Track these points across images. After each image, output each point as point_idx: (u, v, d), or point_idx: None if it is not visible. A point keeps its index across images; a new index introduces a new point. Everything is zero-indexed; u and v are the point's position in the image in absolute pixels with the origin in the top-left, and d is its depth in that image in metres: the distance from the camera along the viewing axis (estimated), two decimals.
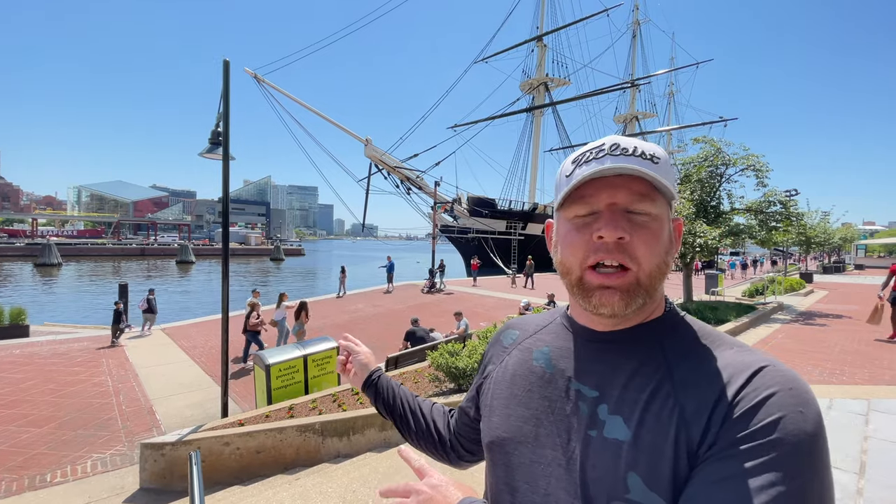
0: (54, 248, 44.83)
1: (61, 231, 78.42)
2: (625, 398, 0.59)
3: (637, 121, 57.44)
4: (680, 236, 0.66)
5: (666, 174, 0.61)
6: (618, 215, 0.59)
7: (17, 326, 11.75)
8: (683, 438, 0.53)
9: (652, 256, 0.60)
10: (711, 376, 0.56)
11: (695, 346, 0.62)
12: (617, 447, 0.57)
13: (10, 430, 5.92)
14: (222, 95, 6.08)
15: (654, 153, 0.61)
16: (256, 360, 6.53)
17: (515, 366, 0.74)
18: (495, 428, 0.70)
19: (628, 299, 0.60)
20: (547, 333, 0.74)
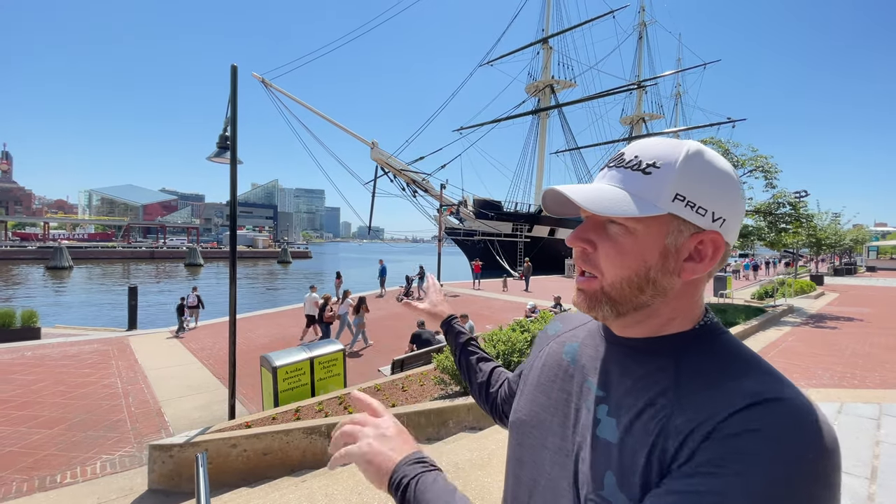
0: (65, 252, 45.44)
1: (72, 234, 79.50)
2: (623, 402, 0.61)
3: (644, 122, 57.16)
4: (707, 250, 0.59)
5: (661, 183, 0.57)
6: (587, 226, 0.63)
7: (29, 329, 11.92)
8: (659, 449, 0.53)
9: (615, 269, 0.60)
10: (713, 398, 0.52)
11: (714, 365, 0.57)
12: (604, 447, 0.59)
13: (21, 432, 6.01)
14: (230, 100, 6.15)
15: (654, 161, 0.58)
16: (263, 363, 6.57)
17: (548, 356, 0.78)
18: (519, 410, 0.76)
19: (592, 303, 0.63)
20: (583, 331, 0.77)
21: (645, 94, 55.21)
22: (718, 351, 0.59)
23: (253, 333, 12.09)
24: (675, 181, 0.56)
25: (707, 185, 0.57)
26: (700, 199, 0.57)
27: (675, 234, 0.58)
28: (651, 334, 0.63)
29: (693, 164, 0.57)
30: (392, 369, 7.60)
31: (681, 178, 0.56)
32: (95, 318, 18.80)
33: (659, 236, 0.58)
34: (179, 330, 12.49)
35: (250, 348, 10.12)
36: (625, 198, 0.57)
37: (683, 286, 0.61)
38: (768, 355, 7.95)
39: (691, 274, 0.59)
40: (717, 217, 0.58)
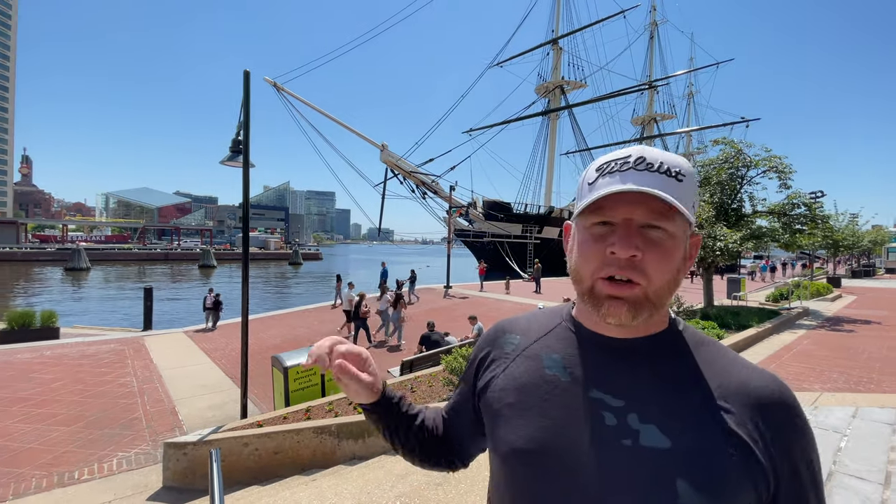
0: (83, 253, 46.42)
1: (90, 236, 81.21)
2: (656, 407, 0.61)
3: (655, 122, 56.64)
4: (696, 252, 0.68)
5: (689, 191, 0.62)
6: (632, 232, 0.60)
7: (48, 328, 12.22)
8: (733, 445, 0.58)
9: (662, 274, 0.61)
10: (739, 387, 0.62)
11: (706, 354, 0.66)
12: (658, 455, 0.58)
13: (40, 429, 6.17)
14: (243, 105, 6.26)
15: (680, 169, 0.61)
16: (275, 363, 6.66)
17: (524, 374, 0.71)
18: (511, 439, 0.67)
19: (636, 311, 0.61)
20: (554, 339, 0.73)
21: (656, 94, 54.75)
22: (699, 342, 0.68)
23: (265, 334, 12.24)
24: (693, 190, 0.63)
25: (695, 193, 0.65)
26: (695, 204, 0.65)
27: (685, 237, 0.64)
28: (643, 333, 0.66)
29: (696, 178, 0.64)
30: (401, 370, 7.65)
31: (694, 187, 0.64)
32: (112, 319, 19.19)
33: (684, 239, 0.64)
34: (214, 324, 13.35)
35: (262, 349, 10.25)
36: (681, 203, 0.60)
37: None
38: (782, 358, 7.83)
39: (686, 272, 0.66)
40: (697, 223, 0.66)
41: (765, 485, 0.59)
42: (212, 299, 13.72)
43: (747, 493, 0.58)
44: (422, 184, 27.25)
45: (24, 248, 56.89)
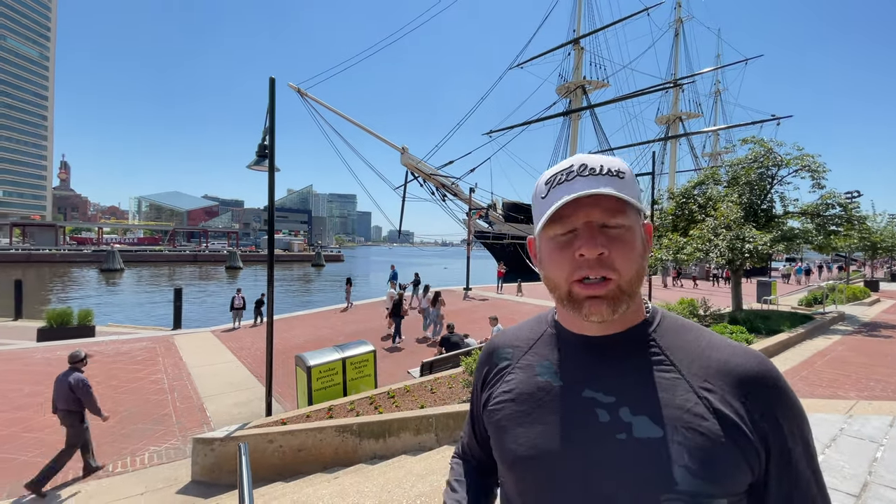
0: (117, 255, 48.34)
1: (123, 239, 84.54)
2: (645, 397, 0.63)
3: (681, 121, 55.27)
4: (651, 239, 0.71)
5: (631, 187, 0.67)
6: (595, 232, 0.64)
7: (85, 327, 12.78)
8: (721, 425, 0.60)
9: (630, 264, 0.65)
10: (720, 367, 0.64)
11: (685, 340, 0.69)
12: (652, 445, 0.60)
13: None
14: (268, 111, 6.44)
15: (620, 169, 0.67)
16: (298, 362, 6.80)
17: (519, 384, 0.74)
18: (513, 448, 0.70)
19: (615, 305, 0.64)
20: (543, 346, 0.76)
21: (682, 92, 53.37)
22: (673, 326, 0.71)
23: (288, 334, 12.49)
24: (635, 185, 0.68)
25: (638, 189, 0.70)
26: (639, 196, 0.70)
27: (641, 226, 0.69)
28: (624, 327, 0.70)
29: (632, 173, 0.70)
30: (421, 371, 7.69)
31: (635, 183, 0.69)
32: (144, 318, 19.91)
33: (639, 228, 0.68)
34: (257, 320, 14.32)
35: (286, 348, 10.46)
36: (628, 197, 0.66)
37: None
38: (815, 364, 7.54)
39: (648, 256, 0.70)
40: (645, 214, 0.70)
41: (756, 461, 0.61)
42: (240, 300, 14.10)
43: (743, 472, 0.60)
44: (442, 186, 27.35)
45: (63, 250, 59.58)
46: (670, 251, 11.90)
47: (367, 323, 14.36)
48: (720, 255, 10.92)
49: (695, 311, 11.25)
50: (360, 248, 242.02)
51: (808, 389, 6.19)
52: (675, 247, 11.84)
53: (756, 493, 0.63)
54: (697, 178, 14.34)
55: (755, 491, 0.62)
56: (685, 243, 11.66)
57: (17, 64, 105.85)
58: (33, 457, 5.44)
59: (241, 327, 13.83)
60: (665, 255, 12.02)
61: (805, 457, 0.63)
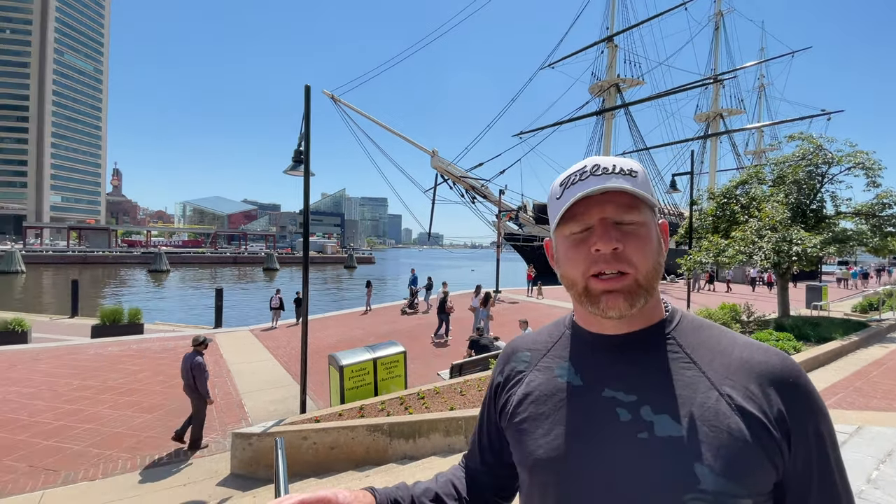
0: (164, 257, 50.95)
1: (169, 241, 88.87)
2: (666, 396, 0.63)
3: (722, 118, 53.02)
4: (667, 237, 0.72)
5: (644, 186, 0.67)
6: (609, 228, 0.64)
7: (134, 325, 13.54)
8: (744, 422, 0.59)
9: (646, 259, 0.65)
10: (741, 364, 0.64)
11: (705, 337, 0.69)
12: (674, 443, 0.59)
13: (127, 415, 6.85)
14: (304, 117, 6.64)
15: (632, 168, 0.67)
16: (331, 361, 6.96)
17: (539, 386, 0.74)
18: (534, 451, 0.69)
19: (632, 299, 0.64)
20: (562, 348, 0.76)
21: (722, 88, 51.22)
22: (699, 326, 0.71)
23: (322, 333, 12.80)
24: (648, 183, 0.69)
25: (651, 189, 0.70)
26: (653, 195, 0.70)
27: (656, 223, 0.69)
28: (643, 325, 0.69)
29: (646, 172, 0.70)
30: (451, 373, 7.71)
31: (648, 181, 0.69)
32: (188, 317, 20.88)
33: (654, 225, 0.69)
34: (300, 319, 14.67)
35: (319, 348, 10.72)
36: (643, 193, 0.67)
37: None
38: (870, 374, 7.05)
39: (665, 254, 0.70)
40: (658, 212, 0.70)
41: (780, 459, 0.60)
42: (277, 300, 14.56)
43: (767, 471, 0.59)
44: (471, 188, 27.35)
45: (115, 252, 63.34)
46: (710, 254, 11.44)
47: (397, 324, 14.54)
48: (765, 259, 10.40)
49: (737, 317, 10.76)
50: (390, 251, 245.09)
51: (863, 401, 5.81)
52: (715, 249, 11.37)
53: (780, 493, 0.62)
54: (740, 177, 13.74)
55: (779, 490, 0.61)
56: (726, 245, 11.18)
57: (74, 78, 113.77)
58: (86, 447, 5.81)
59: (278, 326, 14.29)
60: (705, 257, 11.56)
61: (829, 455, 0.62)
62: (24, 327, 11.86)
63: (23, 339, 11.67)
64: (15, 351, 10.49)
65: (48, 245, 70.32)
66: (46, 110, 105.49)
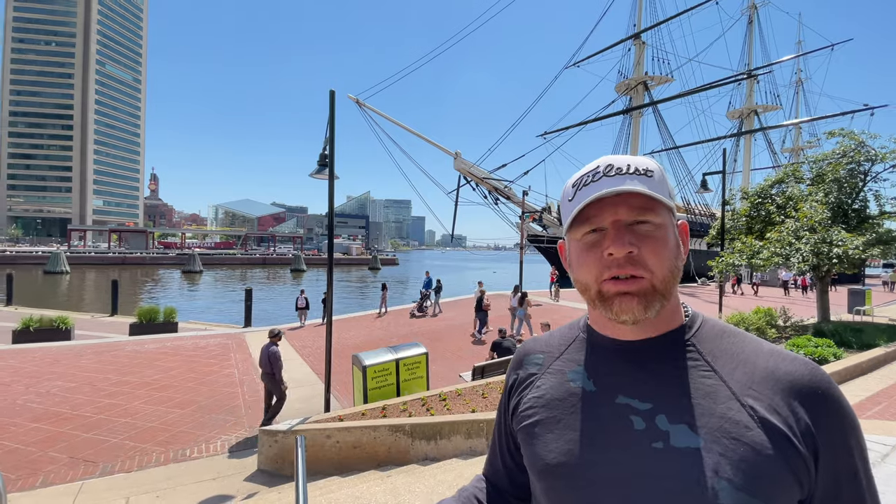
0: (197, 258, 52.79)
1: (202, 243, 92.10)
2: (683, 405, 0.60)
3: (756, 115, 51.04)
4: (687, 238, 0.69)
5: (660, 185, 0.65)
6: (622, 231, 0.62)
7: (169, 323, 14.07)
8: (767, 435, 0.56)
9: (662, 262, 0.63)
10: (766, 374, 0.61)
11: (728, 345, 0.66)
12: (690, 455, 0.57)
13: (161, 411, 7.12)
14: (328, 122, 6.77)
15: (648, 167, 0.65)
16: (355, 361, 7.05)
17: (551, 390, 0.72)
18: (543, 455, 0.68)
19: (646, 303, 0.62)
20: (575, 352, 0.74)
21: (757, 83, 49.31)
22: (721, 333, 0.67)
23: (347, 334, 12.99)
24: (665, 183, 0.66)
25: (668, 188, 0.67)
26: (672, 195, 0.67)
27: (674, 224, 0.66)
28: (659, 331, 0.67)
29: (663, 171, 0.67)
30: (472, 375, 7.69)
31: (665, 180, 0.66)
32: (219, 316, 21.56)
33: (672, 227, 0.66)
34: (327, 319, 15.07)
35: (344, 347, 10.89)
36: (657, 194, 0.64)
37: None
38: None
39: (684, 257, 0.67)
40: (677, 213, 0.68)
41: (806, 475, 0.56)
42: (303, 300, 14.89)
43: (791, 487, 0.56)
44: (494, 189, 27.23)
45: (152, 253, 66.09)
46: (744, 256, 11.03)
47: (418, 325, 14.60)
48: (802, 261, 9.94)
49: (773, 322, 10.32)
50: (414, 252, 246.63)
51: None
52: (749, 251, 10.95)
53: None
54: (776, 175, 13.20)
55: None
56: (761, 247, 10.74)
57: (114, 88, 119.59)
58: (123, 440, 6.07)
59: (305, 326, 14.59)
60: (738, 259, 11.15)
61: (860, 473, 0.59)
62: (67, 325, 12.50)
63: (66, 336, 12.30)
64: (59, 347, 11.07)
65: (91, 247, 73.96)
66: (89, 119, 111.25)
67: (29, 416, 6.72)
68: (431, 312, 16.73)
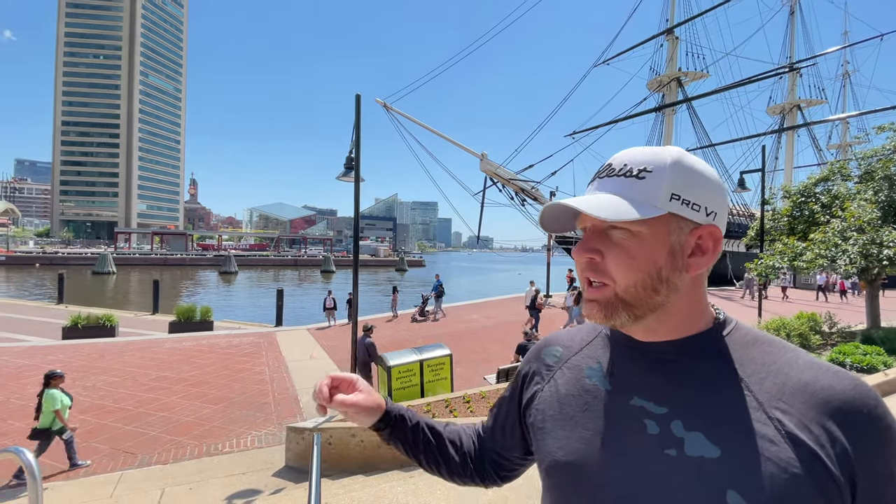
0: (233, 259, 54.78)
1: (238, 245, 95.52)
2: (702, 412, 0.57)
3: (799, 110, 48.51)
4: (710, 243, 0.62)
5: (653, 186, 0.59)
6: (589, 236, 0.63)
7: (205, 322, 14.64)
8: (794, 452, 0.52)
9: (627, 273, 0.60)
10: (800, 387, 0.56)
11: (759, 352, 0.61)
12: (705, 465, 0.54)
13: (195, 406, 7.40)
14: (354, 125, 6.88)
15: (645, 167, 0.60)
16: (379, 361, 7.13)
17: (566, 385, 0.71)
18: (554, 451, 0.67)
19: (607, 312, 0.61)
20: (595, 349, 0.72)
21: (799, 77, 46.86)
22: (754, 340, 0.63)
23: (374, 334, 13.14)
24: (669, 182, 0.59)
25: (696, 183, 0.60)
26: (693, 196, 0.60)
27: (678, 231, 0.61)
28: (678, 335, 0.63)
29: (681, 166, 0.60)
30: (497, 378, 7.63)
31: (673, 178, 0.59)
32: (252, 315, 22.26)
33: (664, 236, 0.60)
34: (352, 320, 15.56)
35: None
36: (624, 203, 0.59)
37: (691, 281, 0.63)
38: None
39: (697, 268, 0.62)
40: (710, 211, 0.61)
41: (839, 500, 0.51)
42: (331, 301, 15.21)
43: None
44: (521, 191, 26.95)
45: (191, 255, 69.01)
46: (785, 257, 10.49)
47: (442, 327, 14.62)
48: (850, 263, 9.36)
49: (817, 328, 9.77)
50: (440, 254, 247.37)
51: None
52: (791, 253, 10.41)
53: None
54: (820, 173, 12.52)
55: None
56: (804, 249, 10.20)
57: (157, 97, 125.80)
58: (160, 433, 6.34)
59: (332, 325, 14.88)
60: (779, 261, 10.62)
61: None
62: (112, 322, 13.20)
63: (111, 333, 12.99)
64: (105, 343, 11.70)
65: (135, 248, 77.91)
66: (134, 127, 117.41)
67: (76, 408, 7.07)
68: (433, 318, 16.18)
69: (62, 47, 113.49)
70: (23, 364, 9.44)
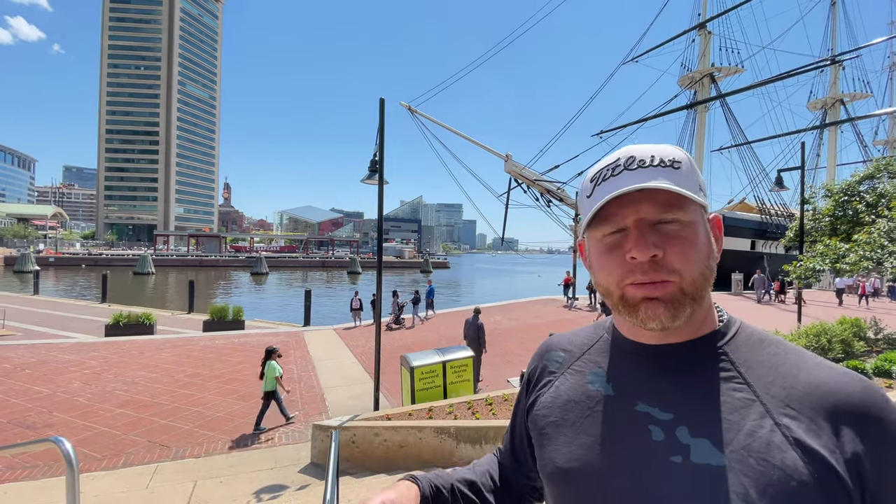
0: (264, 261, 56.35)
1: (268, 247, 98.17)
2: (708, 418, 0.56)
3: (842, 105, 46.00)
4: (720, 234, 0.63)
5: (688, 178, 0.59)
6: (646, 231, 0.57)
7: (237, 321, 15.12)
8: (801, 461, 0.50)
9: (691, 265, 0.57)
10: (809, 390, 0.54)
11: (766, 355, 0.60)
12: (712, 473, 0.52)
13: (227, 402, 7.65)
14: (378, 129, 6.98)
15: (675, 157, 0.59)
16: (403, 362, 7.19)
17: (568, 390, 0.69)
18: (556, 458, 0.65)
19: (675, 310, 0.57)
20: (597, 353, 0.71)
21: (842, 70, 44.45)
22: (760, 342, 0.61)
23: (398, 335, 13.28)
24: (695, 174, 0.61)
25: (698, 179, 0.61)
26: (703, 186, 0.62)
27: (705, 220, 0.61)
28: (689, 337, 0.61)
29: (691, 161, 0.61)
30: (520, 381, 7.56)
31: (695, 171, 0.61)
32: (281, 315, 22.84)
33: (703, 223, 0.60)
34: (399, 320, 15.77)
35: (394, 348, 11.13)
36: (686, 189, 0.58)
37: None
38: None
39: (718, 254, 0.62)
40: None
41: None
42: (357, 301, 15.45)
43: None
44: (546, 191, 26.62)
45: (224, 256, 71.47)
46: (827, 259, 9.98)
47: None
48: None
49: (861, 333, 9.23)
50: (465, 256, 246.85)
51: None
52: (833, 254, 9.90)
53: None
54: (865, 170, 11.86)
55: None
56: (847, 250, 9.68)
57: (194, 105, 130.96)
58: (193, 427, 6.59)
59: (358, 326, 15.09)
60: (820, 263, 10.11)
61: None
62: (151, 321, 13.82)
63: (150, 331, 13.60)
64: (144, 340, 12.26)
65: (173, 250, 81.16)
66: (172, 134, 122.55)
67: (116, 401, 7.48)
68: (409, 325, 15.61)
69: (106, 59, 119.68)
70: (68, 360, 10.00)
